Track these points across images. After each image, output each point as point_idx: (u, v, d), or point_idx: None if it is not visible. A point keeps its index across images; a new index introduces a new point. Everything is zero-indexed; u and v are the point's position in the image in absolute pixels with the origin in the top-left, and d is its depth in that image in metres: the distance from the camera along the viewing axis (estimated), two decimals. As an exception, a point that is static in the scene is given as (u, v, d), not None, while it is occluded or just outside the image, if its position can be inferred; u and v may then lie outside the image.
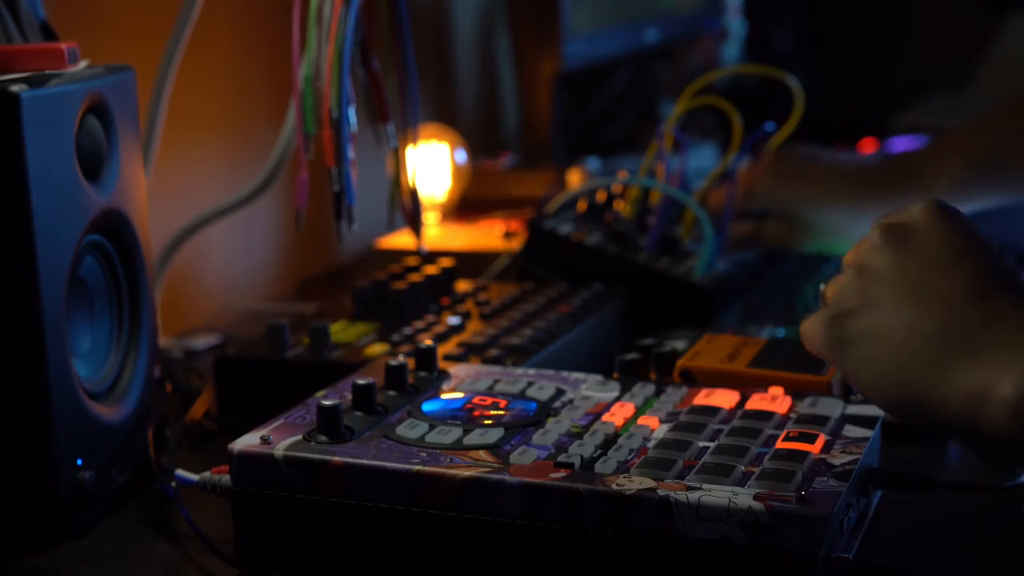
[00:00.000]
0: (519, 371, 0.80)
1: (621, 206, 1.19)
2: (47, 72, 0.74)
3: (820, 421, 0.70)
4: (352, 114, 0.92)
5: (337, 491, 0.66)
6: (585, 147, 1.79)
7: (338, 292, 1.16)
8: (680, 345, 0.87)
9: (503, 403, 0.73)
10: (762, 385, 0.76)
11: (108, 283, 0.81)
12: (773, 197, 1.14)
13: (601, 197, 1.21)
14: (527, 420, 0.71)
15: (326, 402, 0.69)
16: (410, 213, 1.03)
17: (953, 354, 0.59)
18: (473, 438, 0.68)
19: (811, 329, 0.65)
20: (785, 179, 1.14)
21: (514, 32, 1.81)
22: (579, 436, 0.68)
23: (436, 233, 1.42)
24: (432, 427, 0.69)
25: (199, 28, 1.05)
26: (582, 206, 1.19)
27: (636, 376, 0.79)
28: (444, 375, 0.78)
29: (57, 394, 0.72)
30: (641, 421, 0.71)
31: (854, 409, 0.72)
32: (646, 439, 0.68)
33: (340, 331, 0.94)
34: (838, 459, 0.65)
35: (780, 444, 0.66)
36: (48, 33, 0.83)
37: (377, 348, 0.89)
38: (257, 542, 0.69)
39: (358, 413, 0.71)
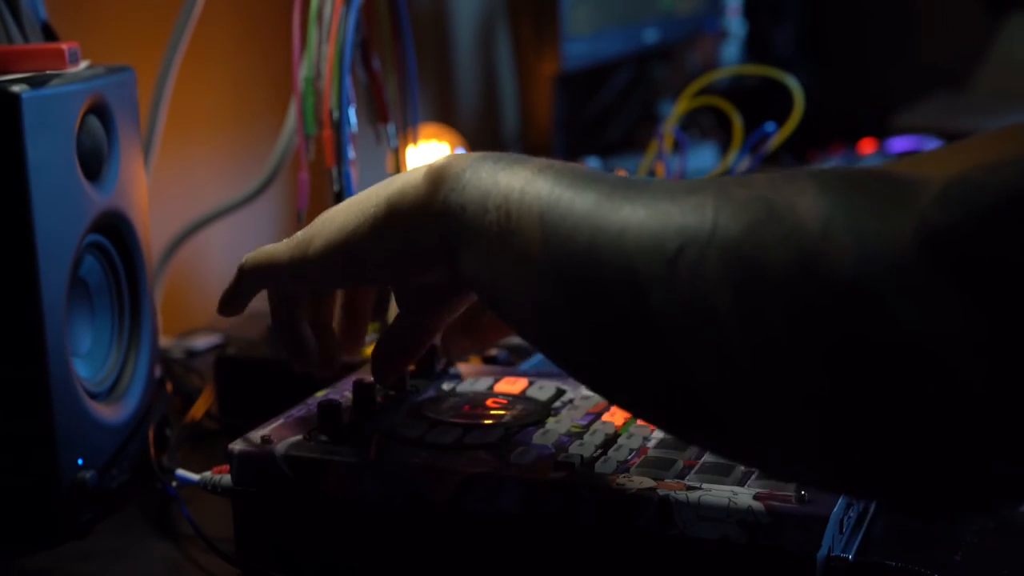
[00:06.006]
0: (519, 371, 0.80)
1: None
2: (48, 72, 0.74)
3: (820, 421, 0.70)
4: (352, 114, 0.92)
5: (337, 491, 0.66)
6: (585, 147, 1.79)
7: (338, 292, 1.16)
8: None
9: (503, 403, 0.73)
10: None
11: (109, 283, 0.81)
12: None
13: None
14: (527, 420, 0.71)
15: (326, 402, 0.69)
16: (410, 213, 1.03)
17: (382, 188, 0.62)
18: (473, 438, 0.68)
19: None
20: None
21: (514, 32, 1.81)
22: (579, 436, 0.68)
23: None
24: (432, 427, 0.69)
25: (199, 29, 1.05)
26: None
27: (636, 376, 0.79)
28: (444, 375, 0.78)
29: (58, 394, 0.73)
30: (641, 421, 0.71)
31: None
32: (646, 439, 0.68)
33: (340, 331, 0.94)
34: (838, 459, 0.65)
35: (780, 444, 0.67)
36: (49, 33, 0.83)
37: (377, 348, 0.89)
38: (257, 542, 0.69)
39: (358, 413, 0.71)
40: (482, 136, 1.78)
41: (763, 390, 0.48)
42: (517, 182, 0.56)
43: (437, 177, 0.59)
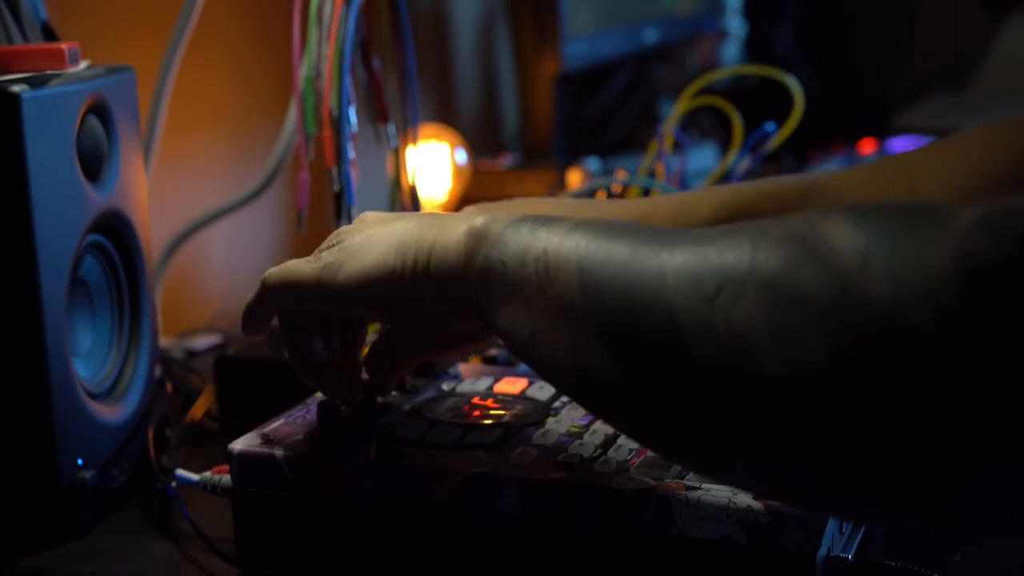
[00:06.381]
0: (519, 371, 0.80)
1: (621, 206, 1.19)
2: (48, 72, 0.74)
3: (820, 421, 0.70)
4: (352, 114, 0.92)
5: (337, 491, 0.66)
6: (585, 147, 1.79)
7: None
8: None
9: (503, 403, 0.73)
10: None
11: (109, 283, 0.81)
12: None
13: (601, 197, 1.21)
14: (527, 420, 0.71)
15: (326, 402, 0.69)
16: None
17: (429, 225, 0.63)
18: (473, 438, 0.68)
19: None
20: None
21: (514, 32, 1.80)
22: (579, 436, 0.68)
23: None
24: (432, 427, 0.69)
25: (199, 28, 1.05)
26: (582, 206, 1.19)
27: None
28: (444, 375, 0.78)
29: (58, 394, 0.73)
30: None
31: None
32: (646, 439, 0.68)
33: (340, 331, 0.94)
34: (838, 459, 0.65)
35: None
36: (49, 33, 0.83)
37: (377, 348, 0.89)
38: (257, 542, 0.69)
39: (358, 413, 0.71)
40: (482, 136, 1.78)
41: (796, 420, 0.48)
42: (555, 236, 0.57)
43: (479, 236, 0.60)
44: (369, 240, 0.64)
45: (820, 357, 0.47)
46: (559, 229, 0.58)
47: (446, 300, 0.62)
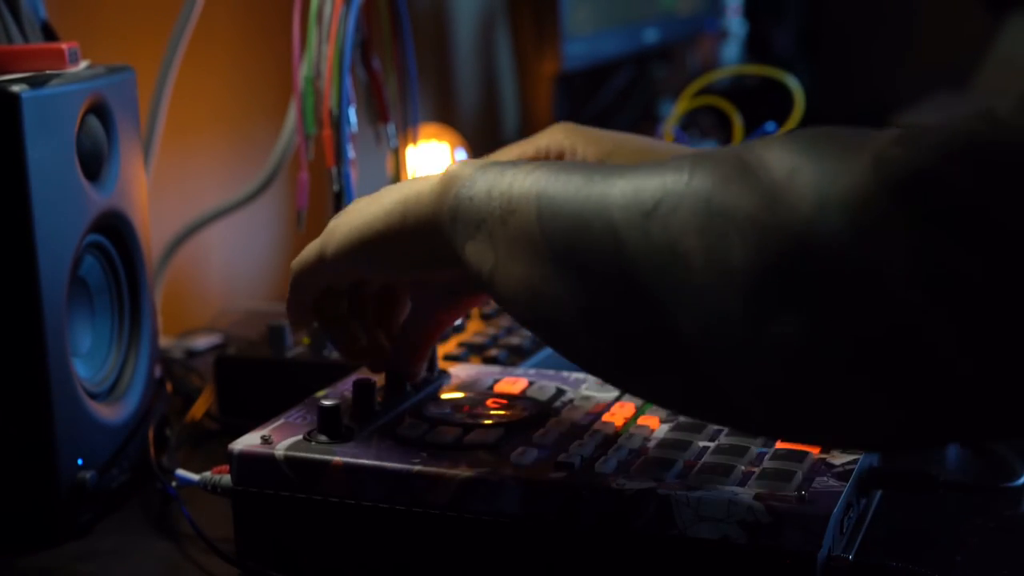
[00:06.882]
0: (519, 371, 0.80)
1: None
2: (48, 72, 0.74)
3: (820, 421, 0.70)
4: (352, 114, 0.92)
5: (337, 491, 0.66)
6: (585, 147, 1.78)
7: (338, 292, 1.16)
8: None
9: (503, 403, 0.73)
10: (762, 385, 0.76)
11: (108, 283, 0.81)
12: None
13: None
14: (527, 420, 0.71)
15: (326, 402, 0.69)
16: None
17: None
18: (473, 438, 0.68)
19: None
20: None
21: (514, 32, 1.81)
22: (579, 436, 0.68)
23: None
24: (432, 427, 0.69)
25: (199, 28, 1.05)
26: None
27: (636, 376, 0.79)
28: (444, 375, 0.78)
29: (58, 394, 0.73)
30: (641, 421, 0.71)
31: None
32: (646, 439, 0.68)
33: (340, 331, 0.94)
34: (838, 459, 0.65)
35: (780, 444, 0.66)
36: (49, 33, 0.83)
37: (377, 348, 0.89)
38: (257, 542, 0.69)
39: (358, 413, 0.71)
40: (482, 136, 1.78)
41: (735, 328, 0.50)
42: (520, 174, 0.61)
43: (449, 179, 0.64)
44: (354, 207, 0.68)
45: (744, 261, 0.50)
46: (524, 167, 0.61)
47: (423, 244, 0.64)
